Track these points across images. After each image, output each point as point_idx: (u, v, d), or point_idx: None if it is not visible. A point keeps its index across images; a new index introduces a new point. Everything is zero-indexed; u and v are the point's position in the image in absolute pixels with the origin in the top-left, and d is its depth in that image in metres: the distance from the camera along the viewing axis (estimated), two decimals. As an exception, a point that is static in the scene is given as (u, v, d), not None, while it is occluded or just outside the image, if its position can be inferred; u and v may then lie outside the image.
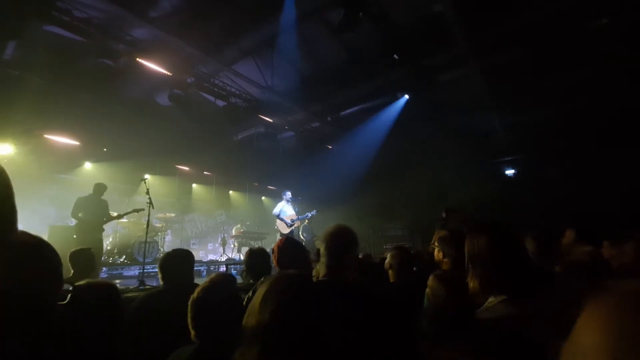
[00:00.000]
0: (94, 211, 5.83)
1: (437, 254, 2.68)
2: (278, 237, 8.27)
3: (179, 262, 2.31)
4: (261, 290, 1.02)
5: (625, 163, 7.53)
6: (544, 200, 8.48)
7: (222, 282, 1.57)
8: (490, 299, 1.23)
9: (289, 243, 2.34)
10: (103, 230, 6.02)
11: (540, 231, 2.27)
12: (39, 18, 5.47)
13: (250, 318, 0.99)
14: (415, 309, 1.86)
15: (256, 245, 10.22)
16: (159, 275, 2.27)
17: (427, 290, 1.80)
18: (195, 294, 1.48)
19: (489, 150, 10.24)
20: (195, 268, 2.73)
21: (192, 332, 1.43)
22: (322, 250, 1.61)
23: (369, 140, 9.94)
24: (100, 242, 5.92)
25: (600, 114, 7.63)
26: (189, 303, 1.46)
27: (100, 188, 6.04)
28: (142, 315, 1.98)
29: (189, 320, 1.44)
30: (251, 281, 2.58)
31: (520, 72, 7.11)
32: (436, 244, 2.72)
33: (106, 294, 1.39)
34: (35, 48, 6.38)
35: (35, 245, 0.78)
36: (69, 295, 1.05)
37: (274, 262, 2.34)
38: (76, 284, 1.36)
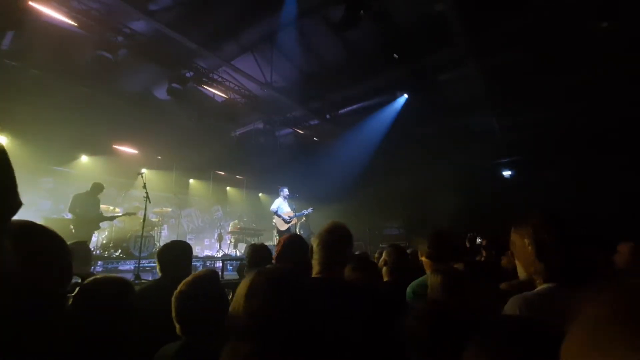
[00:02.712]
0: (91, 208, 6.01)
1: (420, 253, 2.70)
2: (275, 233, 8.28)
3: (177, 254, 2.32)
4: (245, 284, 1.01)
5: (623, 165, 7.57)
6: (542, 201, 8.52)
7: (206, 277, 1.58)
8: (541, 284, 1.23)
9: (295, 240, 2.34)
10: (99, 227, 6.16)
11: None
12: (36, 9, 5.42)
13: (236, 312, 0.98)
14: (407, 307, 1.86)
15: (252, 242, 10.25)
16: (157, 267, 2.29)
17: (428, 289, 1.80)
18: (178, 289, 1.49)
19: (487, 151, 10.27)
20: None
21: (177, 327, 1.44)
22: (315, 247, 1.60)
23: (368, 139, 9.93)
24: (90, 238, 6.15)
25: (600, 117, 7.66)
26: (173, 298, 1.47)
27: (97, 187, 6.19)
28: (140, 308, 1.97)
29: (174, 314, 1.45)
30: None
31: (520, 73, 7.11)
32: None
33: (122, 290, 1.39)
34: (33, 39, 6.32)
35: (43, 234, 0.78)
36: (77, 288, 1.05)
37: (274, 256, 2.34)
38: (95, 277, 1.36)
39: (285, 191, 8.04)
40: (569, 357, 0.39)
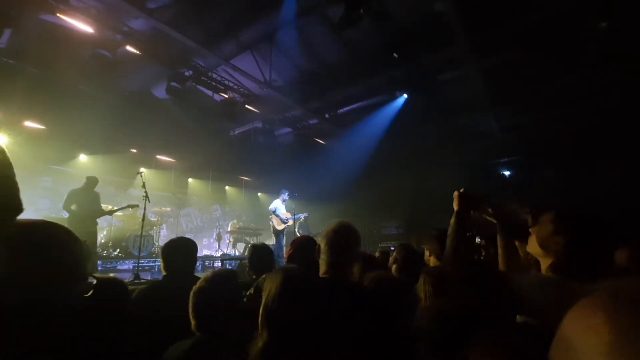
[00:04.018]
0: (87, 204, 5.76)
1: (426, 253, 2.70)
2: (272, 233, 8.32)
3: (183, 251, 2.29)
4: (272, 284, 1.04)
5: (622, 166, 7.57)
6: (539, 202, 8.51)
7: (225, 276, 1.61)
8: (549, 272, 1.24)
9: (305, 241, 2.34)
10: (97, 223, 5.95)
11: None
12: (35, 6, 5.40)
13: (264, 309, 1.03)
14: (414, 306, 1.85)
15: (251, 241, 10.25)
16: (161, 265, 2.24)
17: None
18: (197, 284, 1.52)
19: (487, 151, 10.27)
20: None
21: (193, 322, 1.46)
22: (322, 246, 1.59)
23: (367, 139, 9.93)
24: (94, 234, 5.84)
25: (599, 117, 7.66)
26: (191, 292, 1.50)
27: (92, 181, 5.96)
28: (144, 308, 1.96)
29: (190, 309, 1.47)
30: (254, 277, 2.56)
31: (519, 74, 7.11)
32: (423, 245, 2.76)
33: (118, 292, 1.38)
34: (31, 37, 6.29)
35: (55, 230, 0.78)
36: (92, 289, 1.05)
37: (285, 254, 2.35)
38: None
39: (286, 195, 8.14)
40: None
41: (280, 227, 7.91)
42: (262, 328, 1.02)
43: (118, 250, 7.43)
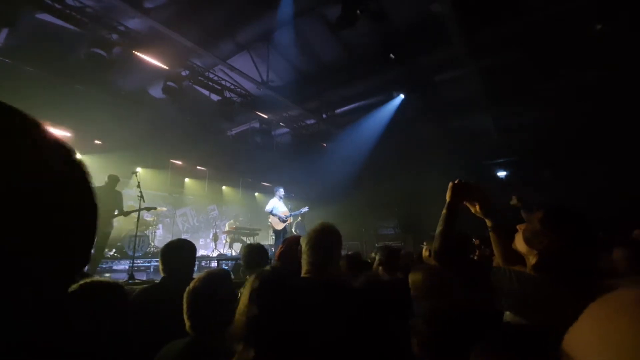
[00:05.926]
0: (105, 203, 5.49)
1: (425, 252, 2.74)
2: (271, 233, 8.28)
3: (184, 254, 2.28)
4: (248, 288, 1.02)
5: (620, 166, 7.62)
6: (536, 202, 8.54)
7: (219, 275, 1.62)
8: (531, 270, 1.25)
9: (296, 242, 2.35)
10: (111, 224, 5.74)
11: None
12: (31, 5, 5.37)
13: (240, 317, 0.99)
14: (406, 306, 1.87)
15: (248, 241, 10.23)
16: (160, 267, 2.22)
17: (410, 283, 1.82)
18: (192, 285, 1.52)
19: (483, 151, 10.31)
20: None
21: (187, 323, 1.45)
22: (304, 247, 1.61)
23: (364, 139, 9.95)
24: (105, 236, 5.62)
25: (596, 118, 7.71)
26: (185, 293, 1.50)
27: (113, 179, 5.82)
28: (142, 309, 1.95)
29: (185, 309, 1.47)
30: (247, 277, 2.58)
31: (517, 75, 7.15)
32: (425, 243, 2.80)
33: (113, 296, 1.36)
34: (28, 36, 6.25)
35: None
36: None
37: (276, 253, 2.36)
38: (85, 281, 1.32)
39: (281, 191, 8.06)
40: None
41: (279, 226, 7.82)
42: (246, 342, 0.97)
43: (113, 250, 7.39)
